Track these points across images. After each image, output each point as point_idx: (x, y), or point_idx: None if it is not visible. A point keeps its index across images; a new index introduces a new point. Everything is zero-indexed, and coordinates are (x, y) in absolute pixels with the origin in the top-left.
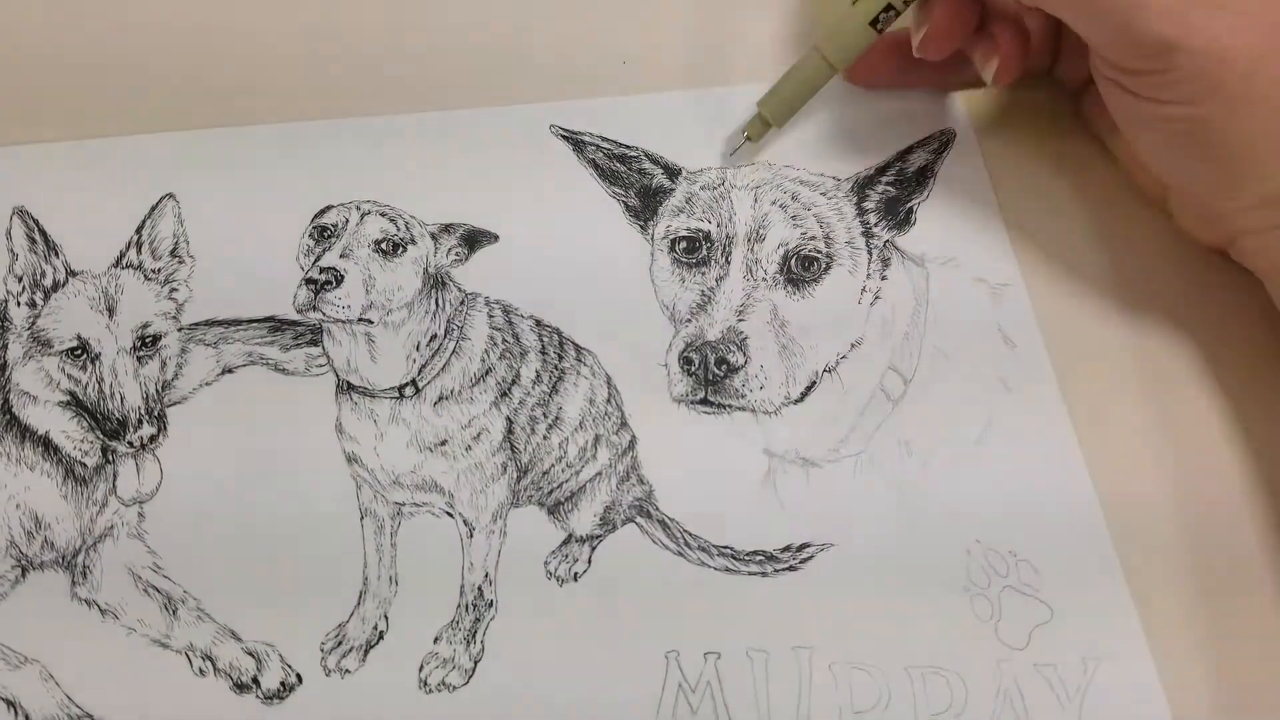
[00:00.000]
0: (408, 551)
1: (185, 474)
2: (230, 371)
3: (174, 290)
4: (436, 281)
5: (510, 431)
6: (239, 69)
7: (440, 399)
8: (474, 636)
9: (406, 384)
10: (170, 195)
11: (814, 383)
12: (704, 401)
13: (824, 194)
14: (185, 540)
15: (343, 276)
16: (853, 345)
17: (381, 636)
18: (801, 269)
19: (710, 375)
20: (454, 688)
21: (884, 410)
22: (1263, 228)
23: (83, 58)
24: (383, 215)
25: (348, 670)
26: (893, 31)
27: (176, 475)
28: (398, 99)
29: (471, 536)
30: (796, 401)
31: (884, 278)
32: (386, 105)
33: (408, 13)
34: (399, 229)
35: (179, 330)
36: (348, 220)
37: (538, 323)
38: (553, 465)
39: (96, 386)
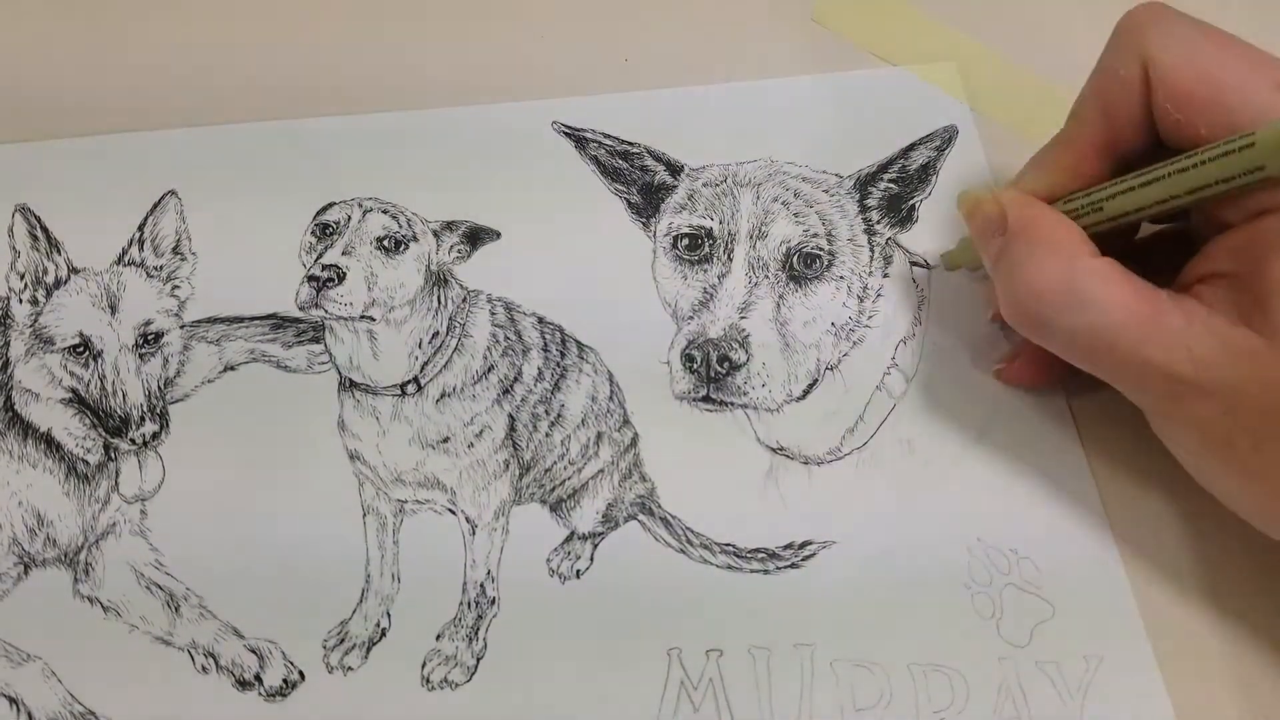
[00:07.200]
0: (410, 549)
1: (187, 471)
2: (232, 369)
3: (176, 287)
4: (439, 279)
5: (512, 429)
6: (241, 66)
7: (442, 396)
8: (476, 634)
9: (409, 381)
10: (172, 192)
11: (816, 380)
12: (706, 399)
13: (826, 191)
14: (187, 537)
15: (345, 274)
16: (855, 343)
17: (384, 634)
18: (804, 266)
19: (712, 372)
20: (456, 685)
21: (886, 408)
22: None
23: (84, 55)
24: (385, 212)
25: (350, 668)
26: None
27: (179, 472)
28: (399, 96)
29: (474, 534)
30: (798, 399)
31: (886, 275)
32: (388, 102)
33: (409, 10)
34: (401, 226)
35: (181, 327)
36: (350, 217)
37: (540, 320)
38: (555, 463)
39: (99, 384)
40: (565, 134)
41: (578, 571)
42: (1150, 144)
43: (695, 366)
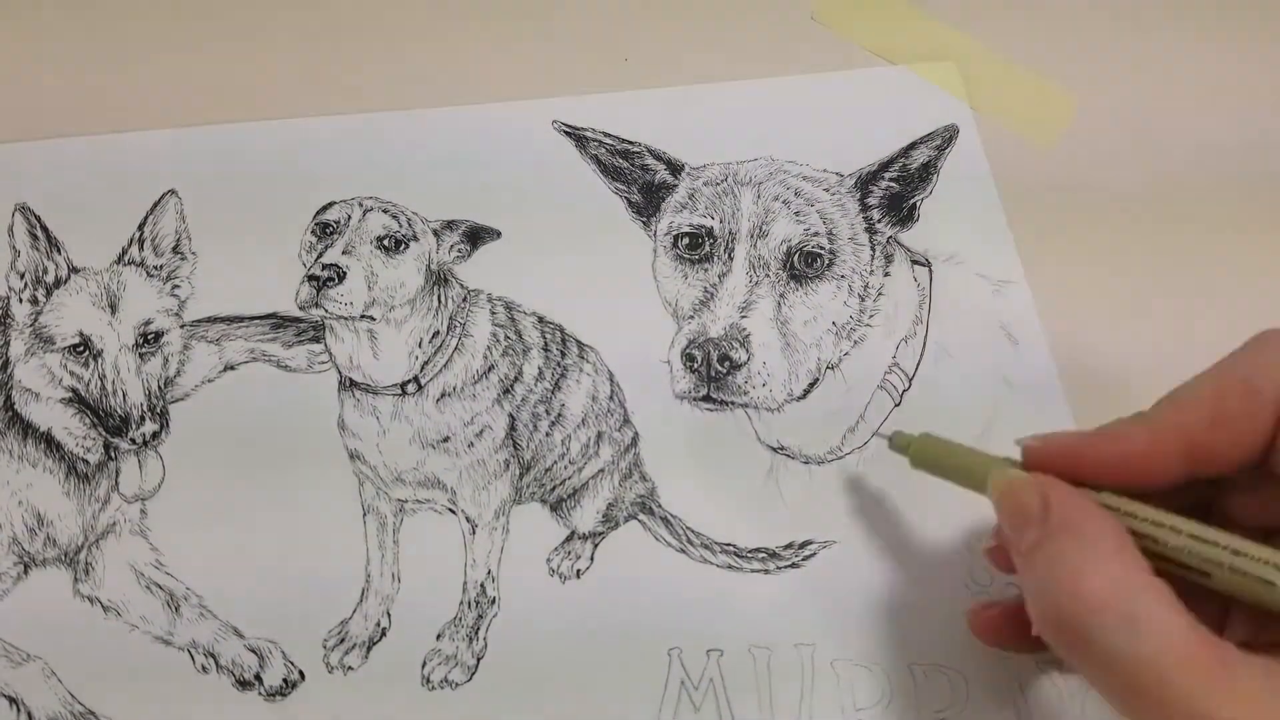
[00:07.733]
0: (410, 548)
1: (187, 471)
2: (232, 368)
3: (176, 287)
4: (439, 278)
5: (513, 428)
6: (241, 65)
7: (443, 396)
8: (476, 633)
9: (409, 381)
10: (172, 191)
11: (816, 379)
12: (706, 398)
13: (827, 190)
14: (187, 537)
15: (345, 273)
16: (855, 342)
17: (384, 633)
18: (805, 265)
19: (713, 372)
20: (456, 685)
21: (886, 407)
22: None
23: (84, 54)
24: (385, 212)
25: (350, 667)
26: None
27: (179, 473)
28: (400, 95)
29: (474, 533)
30: (799, 398)
31: (887, 274)
32: (388, 102)
33: (409, 9)
34: (401, 225)
35: (181, 327)
36: (350, 217)
37: (540, 319)
38: (555, 462)
39: (99, 383)
40: (565, 133)
41: (578, 571)
42: (1234, 469)
43: (696, 366)
